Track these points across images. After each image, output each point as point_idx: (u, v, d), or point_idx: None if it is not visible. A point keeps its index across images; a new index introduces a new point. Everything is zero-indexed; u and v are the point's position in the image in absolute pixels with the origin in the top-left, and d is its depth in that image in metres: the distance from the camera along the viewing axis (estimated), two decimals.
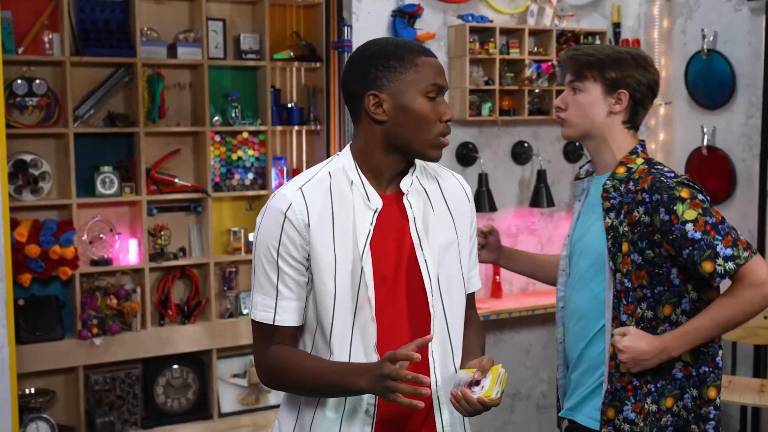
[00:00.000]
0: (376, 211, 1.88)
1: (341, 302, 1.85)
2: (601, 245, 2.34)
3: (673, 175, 2.32)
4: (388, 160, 1.89)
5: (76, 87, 4.31)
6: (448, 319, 1.93)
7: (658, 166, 2.37)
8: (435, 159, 1.89)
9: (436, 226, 1.93)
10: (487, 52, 4.47)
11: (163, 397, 4.50)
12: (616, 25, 4.95)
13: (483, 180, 4.50)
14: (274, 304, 1.87)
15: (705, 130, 4.73)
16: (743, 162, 4.60)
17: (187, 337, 4.49)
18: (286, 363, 1.86)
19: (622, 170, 2.37)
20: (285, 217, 1.84)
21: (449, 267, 1.94)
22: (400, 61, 1.85)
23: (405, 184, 1.92)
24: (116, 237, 4.42)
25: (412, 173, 1.94)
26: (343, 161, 1.92)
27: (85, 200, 4.32)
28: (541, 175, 4.67)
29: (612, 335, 2.31)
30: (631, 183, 2.34)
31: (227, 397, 4.65)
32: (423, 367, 1.88)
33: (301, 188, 1.88)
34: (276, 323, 1.88)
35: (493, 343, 4.72)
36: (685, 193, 2.25)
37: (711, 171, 4.74)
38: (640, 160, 2.39)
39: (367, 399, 1.87)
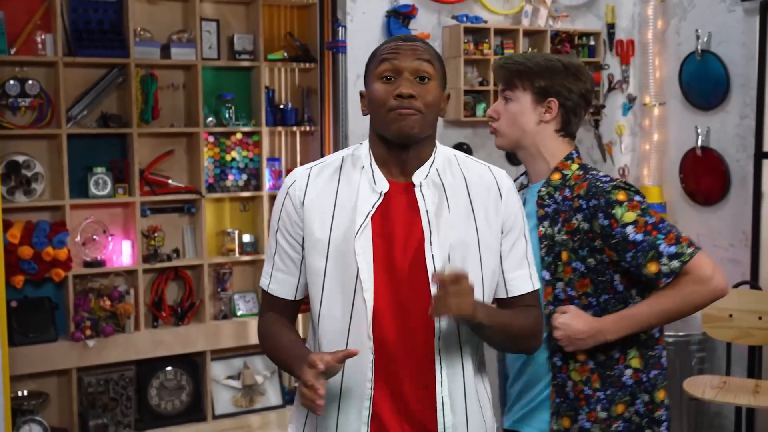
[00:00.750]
0: (381, 194, 1.87)
1: (333, 282, 1.85)
2: (537, 255, 2.28)
3: (608, 179, 2.29)
4: (383, 150, 1.89)
5: (69, 87, 4.29)
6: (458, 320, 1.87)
7: (593, 172, 2.34)
8: (398, 135, 1.83)
9: (452, 222, 1.87)
10: (481, 53, 4.46)
11: (156, 399, 4.48)
12: (611, 26, 4.96)
13: None
14: (270, 272, 1.98)
15: (699, 130, 4.73)
16: (737, 162, 4.60)
17: (180, 339, 4.48)
18: (266, 332, 1.97)
19: (557, 176, 2.34)
20: (287, 193, 1.93)
21: (464, 264, 1.85)
22: (372, 56, 1.92)
23: (418, 176, 1.89)
24: (109, 238, 4.41)
25: (429, 165, 1.91)
26: (361, 149, 1.95)
27: (78, 201, 4.30)
28: None
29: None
30: (567, 190, 2.30)
31: (221, 399, 4.64)
32: (428, 367, 1.85)
33: (311, 168, 1.95)
34: (270, 291, 1.98)
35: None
36: (621, 195, 2.22)
37: (705, 171, 4.74)
38: (575, 166, 2.36)
39: (364, 401, 1.86)
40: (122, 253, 4.45)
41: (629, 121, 5.10)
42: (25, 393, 4.24)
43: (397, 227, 1.86)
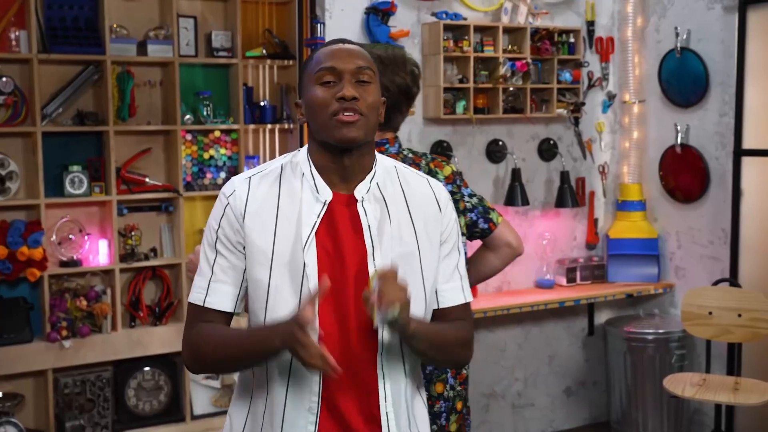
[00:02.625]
0: (324, 204, 1.84)
1: (278, 293, 1.81)
2: None
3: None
4: (323, 157, 1.85)
5: (43, 85, 4.23)
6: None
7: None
8: (340, 141, 1.79)
9: (393, 235, 1.86)
10: (461, 50, 4.44)
11: (134, 400, 4.44)
12: (590, 23, 4.95)
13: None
14: (206, 286, 1.88)
15: (678, 128, 4.74)
16: (716, 160, 4.61)
17: (158, 339, 4.43)
18: (203, 338, 1.85)
19: None
20: (228, 202, 1.87)
21: (405, 278, 1.82)
22: (307, 60, 1.89)
23: (360, 190, 1.86)
24: (86, 237, 4.35)
25: (370, 180, 1.88)
26: (300, 156, 1.91)
27: (54, 200, 4.25)
28: (516, 173, 4.66)
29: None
30: None
31: (200, 399, 4.60)
32: (371, 380, 1.83)
33: (250, 177, 1.90)
34: (206, 304, 1.87)
35: None
36: None
37: (684, 169, 4.76)
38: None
39: (310, 396, 1.83)
40: (99, 253, 4.40)
41: (609, 119, 5.10)
42: (0, 395, 4.18)
43: (339, 241, 1.83)
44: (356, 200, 1.86)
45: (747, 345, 4.38)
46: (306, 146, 1.93)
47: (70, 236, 4.33)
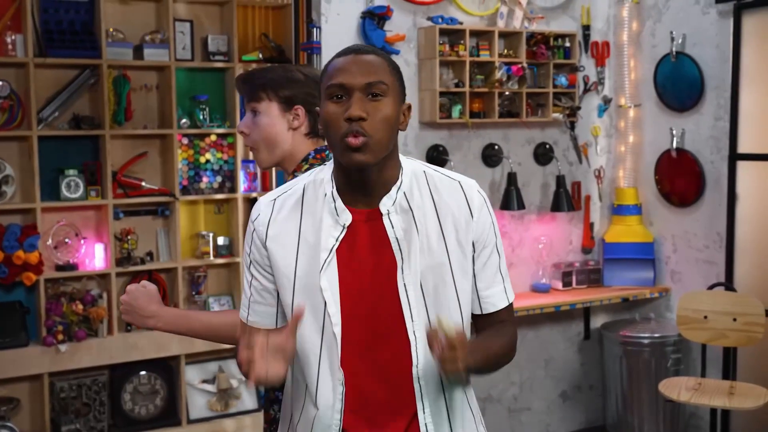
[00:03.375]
0: (344, 227, 1.81)
1: (304, 317, 1.81)
2: None
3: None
4: (344, 176, 1.82)
5: (40, 89, 4.23)
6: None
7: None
8: (348, 166, 1.75)
9: (422, 246, 1.81)
10: (457, 54, 4.45)
11: (130, 404, 4.43)
12: (586, 28, 4.96)
13: None
14: (248, 304, 1.93)
15: (674, 132, 4.75)
16: (712, 164, 4.62)
17: (154, 343, 4.43)
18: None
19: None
20: (254, 227, 1.88)
21: (437, 289, 1.81)
22: (324, 71, 1.83)
23: (385, 204, 1.82)
24: (82, 241, 4.35)
25: (396, 190, 1.83)
26: (325, 173, 1.87)
27: (50, 204, 4.25)
28: (512, 177, 4.67)
29: None
30: None
31: (196, 404, 4.59)
32: (406, 392, 1.82)
33: (275, 199, 1.88)
34: (249, 323, 1.93)
35: None
36: None
37: (680, 173, 4.77)
38: (306, 166, 2.36)
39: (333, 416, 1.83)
40: (95, 257, 4.40)
41: (605, 123, 5.11)
42: None
43: (363, 257, 1.81)
44: (381, 214, 1.82)
45: (742, 349, 4.39)
46: (330, 163, 1.88)
47: (66, 240, 4.32)
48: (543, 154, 4.91)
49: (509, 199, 4.66)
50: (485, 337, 1.91)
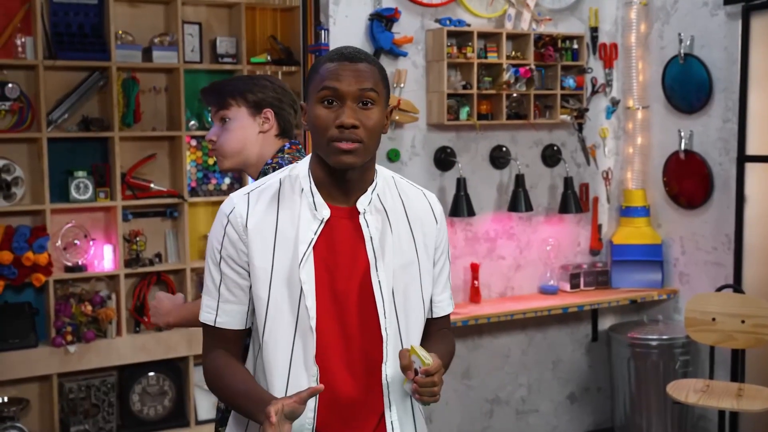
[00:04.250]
0: (322, 221, 1.83)
1: (277, 310, 1.82)
2: None
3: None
4: (323, 173, 1.85)
5: (49, 91, 4.26)
6: (404, 342, 1.87)
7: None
8: (336, 166, 1.78)
9: (394, 246, 1.87)
10: (464, 56, 4.45)
11: (139, 405, 4.45)
12: (594, 29, 4.96)
13: (461, 184, 4.49)
14: (215, 306, 1.88)
15: (682, 134, 4.74)
16: (720, 166, 4.61)
17: (163, 344, 4.44)
18: (215, 372, 1.87)
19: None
20: (228, 220, 1.86)
21: (407, 288, 1.88)
22: (313, 68, 1.85)
23: (362, 203, 1.86)
24: (91, 243, 4.37)
25: (372, 191, 1.87)
26: (299, 169, 1.90)
27: (59, 206, 4.27)
28: (520, 179, 4.67)
29: None
30: None
31: (204, 405, 4.61)
32: (376, 390, 1.85)
33: (248, 193, 1.88)
34: (217, 325, 1.88)
35: (471, 348, 4.70)
36: None
37: (688, 175, 4.76)
38: (282, 155, 2.43)
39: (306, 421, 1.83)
40: (104, 258, 4.42)
41: (613, 125, 5.10)
42: (6, 399, 4.20)
43: (340, 254, 1.84)
44: (358, 212, 1.85)
45: (750, 351, 4.38)
46: (307, 157, 1.91)
47: (75, 241, 4.34)
48: (551, 156, 4.91)
49: (517, 200, 4.66)
50: (437, 343, 1.97)
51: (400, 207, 1.91)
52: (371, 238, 1.85)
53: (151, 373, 4.47)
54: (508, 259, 4.84)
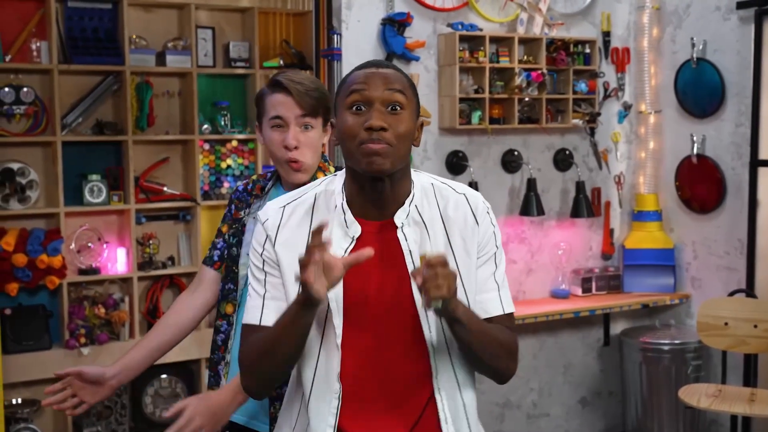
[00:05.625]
0: (353, 240, 1.82)
1: None
2: None
3: None
4: (356, 187, 1.83)
5: (64, 95, 4.29)
6: (452, 353, 1.83)
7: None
8: (369, 170, 1.76)
9: None
10: (476, 61, 4.46)
11: (151, 407, 4.47)
12: (606, 34, 4.96)
13: (473, 189, 4.48)
14: (261, 304, 1.86)
15: (695, 138, 4.74)
16: (733, 170, 4.60)
17: (176, 347, 4.45)
18: (254, 345, 1.82)
19: (321, 175, 2.36)
20: (264, 228, 1.87)
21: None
22: (342, 84, 1.85)
23: (399, 216, 1.83)
24: (104, 246, 4.40)
25: (409, 203, 1.85)
26: (336, 183, 1.89)
27: (73, 209, 4.30)
28: (531, 183, 4.67)
29: None
30: None
31: None
32: (415, 402, 1.82)
33: (284, 206, 1.88)
34: (261, 323, 1.85)
35: None
36: None
37: (701, 179, 4.75)
38: (332, 168, 2.40)
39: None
40: (117, 261, 4.45)
41: (625, 129, 5.10)
42: (19, 401, 4.23)
43: (370, 269, 1.80)
44: (395, 226, 1.83)
45: (763, 356, 4.36)
46: (342, 172, 1.90)
47: (89, 244, 4.37)
48: (563, 160, 4.91)
49: (529, 204, 4.66)
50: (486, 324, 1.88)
51: (437, 217, 1.87)
52: (410, 251, 1.82)
53: (164, 376, 4.49)
54: (520, 264, 4.84)
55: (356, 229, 1.82)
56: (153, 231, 4.52)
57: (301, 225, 1.85)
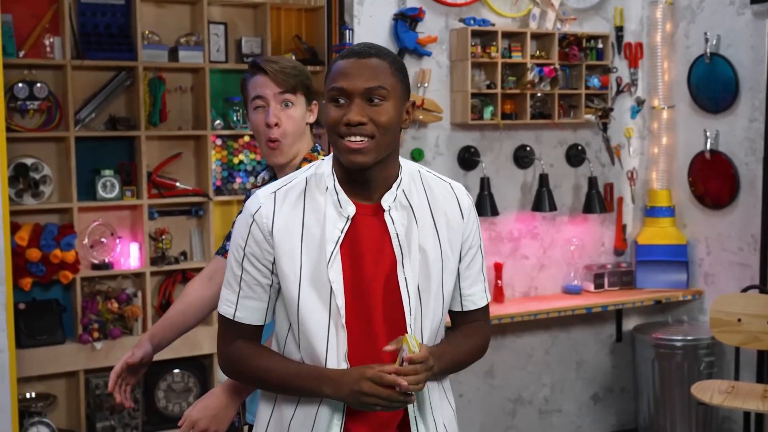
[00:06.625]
0: (348, 219, 1.84)
1: (309, 309, 1.84)
2: None
3: None
4: (344, 171, 1.86)
5: (77, 90, 4.31)
6: (424, 337, 1.87)
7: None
8: (348, 166, 1.80)
9: (420, 242, 1.87)
10: (489, 56, 4.45)
11: (164, 402, 4.49)
12: (619, 29, 4.94)
13: (485, 184, 4.49)
14: (235, 300, 1.90)
15: (708, 133, 4.71)
16: (746, 166, 4.58)
17: (188, 342, 4.47)
18: (247, 359, 1.89)
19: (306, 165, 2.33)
20: (253, 219, 1.87)
21: (429, 284, 1.87)
22: (328, 70, 1.88)
23: (386, 200, 1.86)
24: (117, 241, 4.42)
25: (396, 187, 1.87)
26: (324, 167, 1.91)
27: (86, 204, 4.32)
28: (543, 179, 4.66)
29: None
30: None
31: None
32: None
33: (275, 192, 1.89)
34: (236, 319, 1.91)
35: (495, 348, 4.70)
36: None
37: (714, 175, 4.73)
38: (321, 156, 2.38)
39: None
40: (130, 256, 4.46)
41: (638, 124, 5.08)
42: (33, 395, 4.25)
43: (366, 251, 1.85)
44: (383, 209, 1.86)
45: None
46: (330, 157, 1.92)
47: (102, 239, 4.39)
48: (575, 156, 4.90)
49: (541, 200, 4.65)
50: (457, 338, 1.99)
51: (425, 202, 1.90)
52: (397, 235, 1.85)
53: (176, 371, 4.50)
54: (532, 259, 4.83)
55: (351, 209, 1.85)
56: (165, 226, 4.54)
57: (295, 208, 1.87)
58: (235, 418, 2.26)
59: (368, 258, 1.85)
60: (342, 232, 1.84)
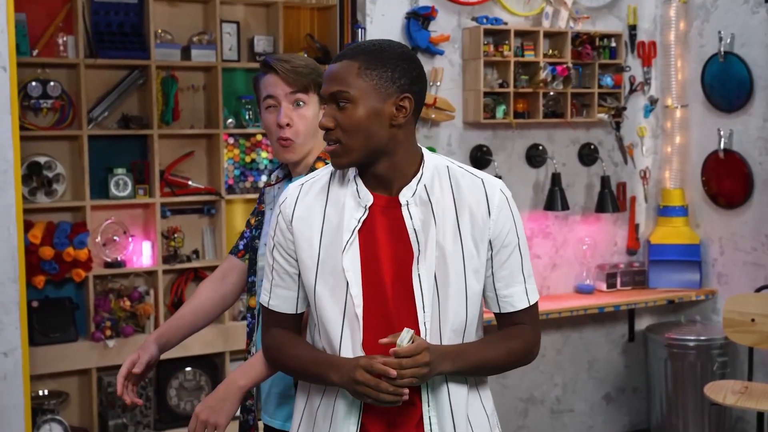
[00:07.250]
0: (366, 209, 1.85)
1: (324, 298, 1.86)
2: None
3: None
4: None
5: (90, 89, 4.31)
6: (443, 336, 1.84)
7: None
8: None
9: (437, 239, 1.84)
10: (501, 55, 4.45)
11: (176, 400, 4.49)
12: (632, 27, 4.92)
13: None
14: (269, 288, 1.97)
15: (722, 133, 4.69)
16: (760, 165, 4.56)
17: (200, 340, 4.48)
18: (279, 347, 1.96)
19: (321, 165, 2.30)
20: (280, 210, 1.94)
21: (448, 283, 1.83)
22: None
23: (405, 194, 1.86)
24: (130, 239, 4.43)
25: (417, 182, 1.86)
26: None
27: (99, 202, 4.33)
28: (556, 178, 4.65)
29: None
30: None
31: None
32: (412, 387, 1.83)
33: (303, 183, 1.95)
34: (270, 307, 1.98)
35: None
36: None
37: (728, 174, 4.71)
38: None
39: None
40: (142, 254, 4.47)
41: (651, 124, 5.06)
42: (46, 392, 4.26)
43: (382, 243, 1.85)
44: (399, 204, 1.86)
45: None
46: None
47: (115, 238, 4.40)
48: (588, 155, 4.89)
49: (553, 199, 4.64)
50: (491, 339, 1.93)
51: (449, 199, 1.87)
52: (414, 230, 1.85)
53: (188, 369, 4.51)
54: (544, 258, 4.82)
55: (368, 199, 1.86)
56: (178, 225, 4.54)
57: (316, 199, 1.90)
58: (239, 414, 2.26)
59: (385, 250, 1.85)
60: (359, 221, 1.85)
